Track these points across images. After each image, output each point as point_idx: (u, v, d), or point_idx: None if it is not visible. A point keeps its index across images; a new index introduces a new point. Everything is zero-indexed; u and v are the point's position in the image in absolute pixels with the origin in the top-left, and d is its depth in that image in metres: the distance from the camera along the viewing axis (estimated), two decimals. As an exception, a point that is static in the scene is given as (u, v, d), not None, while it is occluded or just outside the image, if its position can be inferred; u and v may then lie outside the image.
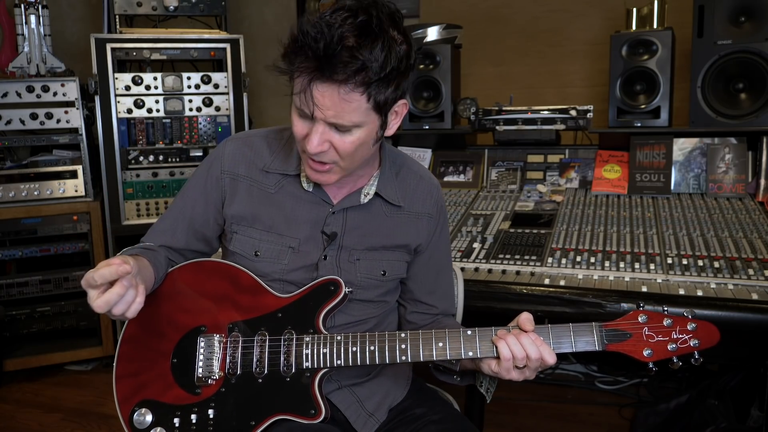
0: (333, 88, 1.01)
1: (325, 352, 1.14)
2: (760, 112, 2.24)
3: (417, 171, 1.34)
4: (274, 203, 1.24)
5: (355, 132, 1.07)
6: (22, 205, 2.86)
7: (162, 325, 1.20)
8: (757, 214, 2.08)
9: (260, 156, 1.26)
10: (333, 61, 0.98)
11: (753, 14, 2.24)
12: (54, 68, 2.88)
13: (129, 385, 1.17)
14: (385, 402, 1.30)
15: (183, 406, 1.14)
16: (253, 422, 1.12)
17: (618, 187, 2.41)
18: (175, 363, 1.17)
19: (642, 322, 1.05)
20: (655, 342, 1.04)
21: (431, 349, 1.11)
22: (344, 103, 1.02)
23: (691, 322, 1.05)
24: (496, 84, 3.29)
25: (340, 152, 1.09)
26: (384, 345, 1.12)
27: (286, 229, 1.23)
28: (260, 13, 3.73)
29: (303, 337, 1.15)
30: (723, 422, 1.99)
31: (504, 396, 2.65)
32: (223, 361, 1.16)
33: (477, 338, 1.10)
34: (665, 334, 1.04)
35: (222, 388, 1.15)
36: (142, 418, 1.14)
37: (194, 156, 3.04)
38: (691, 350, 1.04)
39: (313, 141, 1.07)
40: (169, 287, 1.23)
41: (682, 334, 1.04)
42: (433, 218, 1.31)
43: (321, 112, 1.04)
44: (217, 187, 1.27)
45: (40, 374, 2.96)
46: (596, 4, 3.11)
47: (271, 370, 1.15)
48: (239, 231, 1.26)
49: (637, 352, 1.04)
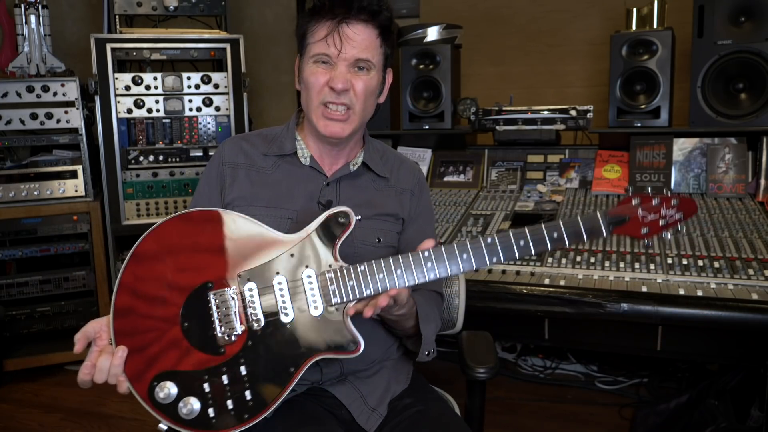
0: (360, 26, 1.21)
1: (352, 284, 1.11)
2: (760, 112, 2.24)
3: (399, 156, 1.47)
4: (272, 182, 1.32)
5: (370, 73, 1.24)
6: (22, 205, 2.86)
7: (158, 290, 1.11)
8: (757, 214, 2.08)
9: (257, 146, 1.36)
10: (360, 2, 1.20)
11: (753, 14, 2.24)
12: (54, 68, 2.88)
13: (137, 362, 1.07)
14: (386, 397, 1.31)
15: (209, 369, 1.08)
16: (293, 368, 1.08)
17: (618, 187, 2.41)
18: (186, 327, 1.09)
19: (635, 205, 1.18)
20: (649, 221, 1.18)
21: (456, 261, 1.12)
22: (368, 40, 1.22)
23: (674, 198, 1.19)
24: (496, 84, 3.29)
25: (358, 93, 1.23)
26: (410, 265, 1.11)
27: (284, 203, 1.29)
28: (260, 13, 3.73)
29: (324, 273, 1.12)
30: (723, 422, 1.99)
31: (504, 396, 2.66)
32: (242, 315, 1.10)
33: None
34: (656, 212, 1.18)
35: (248, 342, 1.09)
36: (167, 391, 1.05)
37: (194, 156, 3.04)
38: (676, 223, 1.19)
39: (338, 79, 1.21)
40: (156, 247, 1.13)
41: (668, 209, 1.18)
42: (415, 196, 1.41)
43: (350, 47, 1.20)
44: (219, 180, 1.34)
45: (40, 374, 2.95)
46: (596, 4, 3.11)
47: (298, 312, 1.10)
48: (241, 211, 1.27)
49: (636, 232, 1.18)
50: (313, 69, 1.24)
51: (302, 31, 1.26)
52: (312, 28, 1.23)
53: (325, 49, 1.21)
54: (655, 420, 2.31)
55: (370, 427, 1.25)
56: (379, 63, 1.26)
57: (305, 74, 1.25)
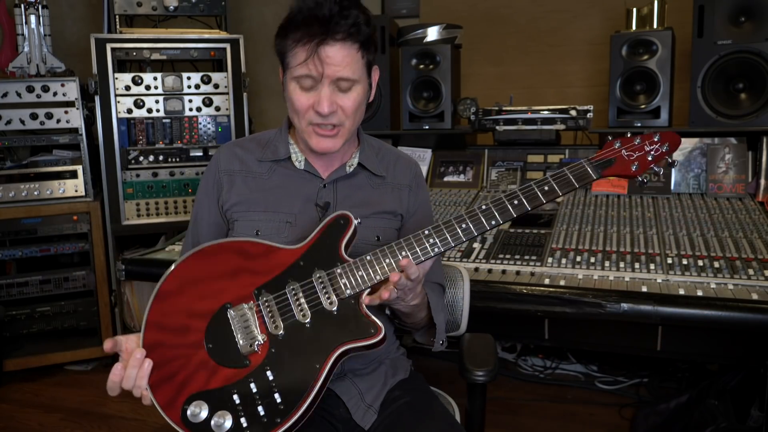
0: (338, 46, 1.17)
1: (362, 275, 1.15)
2: (760, 112, 2.24)
3: (395, 151, 1.47)
4: (269, 187, 1.33)
5: (355, 89, 1.22)
6: (22, 205, 2.86)
7: (182, 320, 1.15)
8: (757, 214, 2.08)
9: (252, 152, 1.37)
10: (336, 21, 1.16)
11: (753, 14, 2.24)
12: (54, 68, 2.88)
13: (169, 390, 1.10)
14: (381, 393, 1.32)
15: (237, 382, 1.09)
16: (318, 365, 1.10)
17: (618, 187, 2.41)
18: (211, 348, 1.13)
19: (618, 147, 1.20)
20: (636, 158, 1.20)
21: (456, 232, 1.16)
22: (348, 58, 1.18)
23: (655, 134, 1.21)
24: (496, 84, 3.29)
25: (346, 111, 1.22)
26: (413, 244, 1.15)
27: (281, 207, 1.31)
28: (260, 13, 3.73)
29: (334, 270, 1.16)
30: (723, 422, 1.99)
31: (504, 396, 2.66)
32: (261, 325, 1.13)
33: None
34: (640, 150, 1.20)
35: (272, 349, 1.12)
36: (198, 410, 1.07)
37: (194, 156, 3.04)
38: (664, 155, 1.20)
39: (324, 102, 1.19)
40: (177, 283, 1.19)
41: (652, 145, 1.20)
42: (413, 190, 1.42)
43: (331, 69, 1.17)
44: (217, 187, 1.36)
45: (40, 374, 2.96)
46: (596, 4, 3.11)
47: (315, 311, 1.14)
48: (240, 217, 1.32)
49: (626, 170, 1.20)
50: (297, 91, 1.22)
51: (280, 49, 1.23)
52: (291, 49, 1.20)
53: (307, 72, 1.18)
54: (655, 420, 2.31)
55: (365, 424, 1.27)
56: (363, 74, 1.23)
57: (289, 92, 1.24)
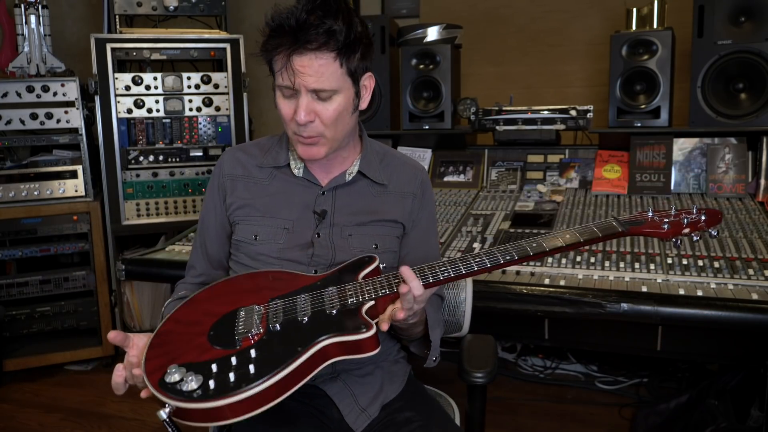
0: (310, 56, 1.15)
1: (369, 289, 1.17)
2: (760, 112, 2.24)
3: (401, 157, 1.45)
4: (269, 192, 1.35)
5: (335, 99, 1.20)
6: (22, 205, 2.86)
7: (198, 317, 1.18)
8: (757, 214, 2.08)
9: (254, 157, 1.39)
10: (306, 30, 1.13)
11: (753, 14, 2.24)
12: (54, 68, 2.88)
13: (158, 361, 1.08)
14: (378, 398, 1.30)
15: (221, 358, 1.07)
16: (300, 348, 1.08)
17: (618, 187, 2.41)
18: (212, 334, 1.13)
19: (650, 215, 1.21)
20: (669, 221, 1.20)
21: (471, 265, 1.16)
22: (324, 67, 1.16)
23: (696, 210, 1.21)
24: (496, 84, 3.29)
25: (324, 121, 1.21)
26: (423, 266, 1.16)
27: (280, 213, 1.33)
28: (260, 13, 3.70)
29: (345, 286, 1.18)
30: (723, 422, 1.99)
31: (504, 396, 2.66)
32: (264, 321, 1.14)
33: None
34: (675, 217, 1.21)
35: (264, 337, 1.11)
36: (175, 373, 1.04)
37: (194, 156, 3.04)
38: (701, 225, 1.19)
39: (300, 112, 1.18)
40: (207, 294, 1.25)
41: (688, 215, 1.20)
42: (417, 198, 1.40)
43: (303, 79, 1.16)
44: (221, 192, 1.39)
45: (40, 374, 2.96)
46: (596, 4, 3.11)
47: (315, 311, 1.14)
48: (241, 221, 1.35)
49: (656, 231, 1.19)
50: (281, 99, 1.23)
51: (264, 57, 1.23)
52: (272, 57, 1.21)
53: (283, 81, 1.18)
54: (655, 420, 2.31)
55: (357, 427, 1.26)
56: (344, 83, 1.20)
57: (276, 100, 1.25)
